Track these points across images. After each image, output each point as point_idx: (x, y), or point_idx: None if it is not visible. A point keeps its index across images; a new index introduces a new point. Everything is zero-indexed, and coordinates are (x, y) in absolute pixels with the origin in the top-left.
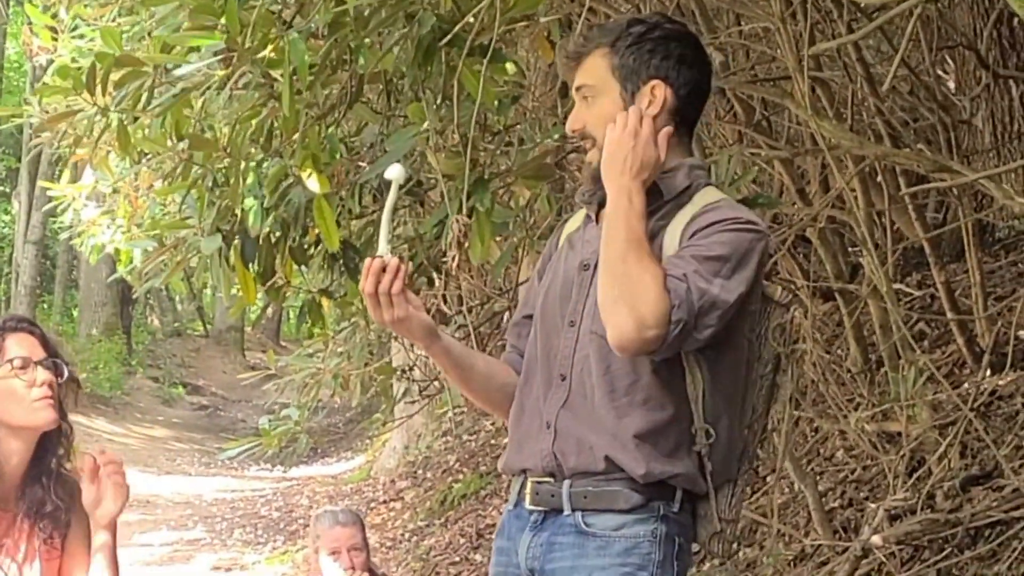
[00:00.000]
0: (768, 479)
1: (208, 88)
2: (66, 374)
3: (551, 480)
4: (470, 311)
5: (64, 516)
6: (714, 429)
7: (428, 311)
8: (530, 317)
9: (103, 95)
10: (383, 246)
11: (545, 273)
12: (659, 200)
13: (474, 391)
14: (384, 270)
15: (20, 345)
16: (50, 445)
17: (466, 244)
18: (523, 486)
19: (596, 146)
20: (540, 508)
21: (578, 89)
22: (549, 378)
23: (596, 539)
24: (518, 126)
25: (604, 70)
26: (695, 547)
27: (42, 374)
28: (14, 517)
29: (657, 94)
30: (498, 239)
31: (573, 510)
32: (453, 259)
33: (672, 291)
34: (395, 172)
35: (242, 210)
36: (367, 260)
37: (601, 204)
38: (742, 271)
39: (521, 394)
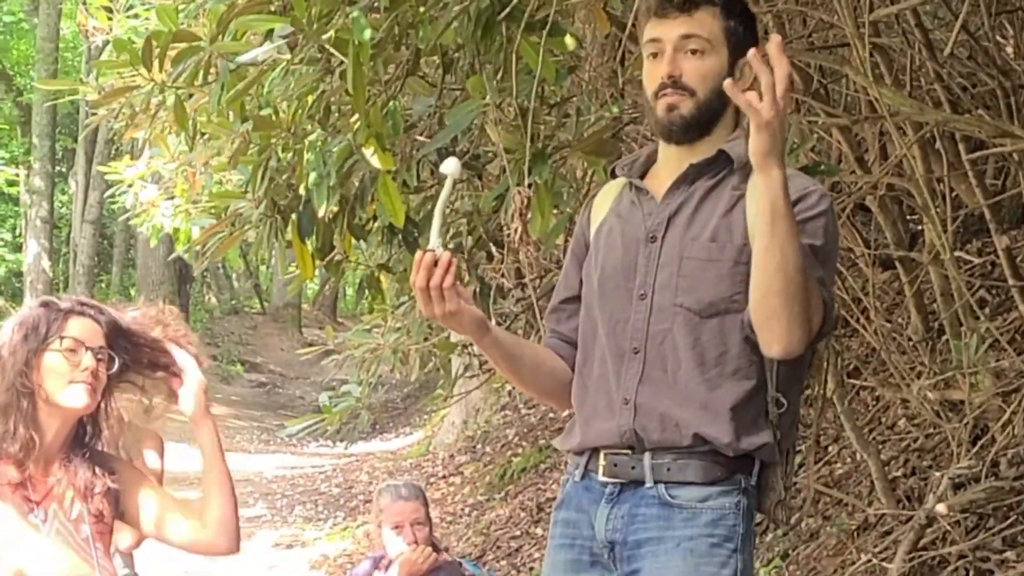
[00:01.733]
0: (830, 448)
1: (273, 69)
2: (115, 368)
3: (629, 452)
4: (527, 285)
5: (105, 490)
6: (784, 398)
7: (488, 285)
8: (569, 300)
9: (159, 71)
10: (435, 240)
11: (590, 250)
12: (728, 167)
13: (524, 380)
14: (435, 264)
15: (79, 328)
16: (85, 429)
17: (528, 216)
18: (591, 459)
19: (692, 99)
20: (616, 480)
21: (685, 37)
22: (619, 352)
23: (682, 510)
24: (574, 98)
25: (718, 29)
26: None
27: (88, 359)
28: (60, 483)
29: (747, 72)
30: (555, 211)
31: (656, 482)
32: (516, 231)
33: (825, 298)
34: (451, 167)
35: (304, 187)
36: (418, 253)
37: (641, 175)
38: (836, 257)
39: (581, 375)
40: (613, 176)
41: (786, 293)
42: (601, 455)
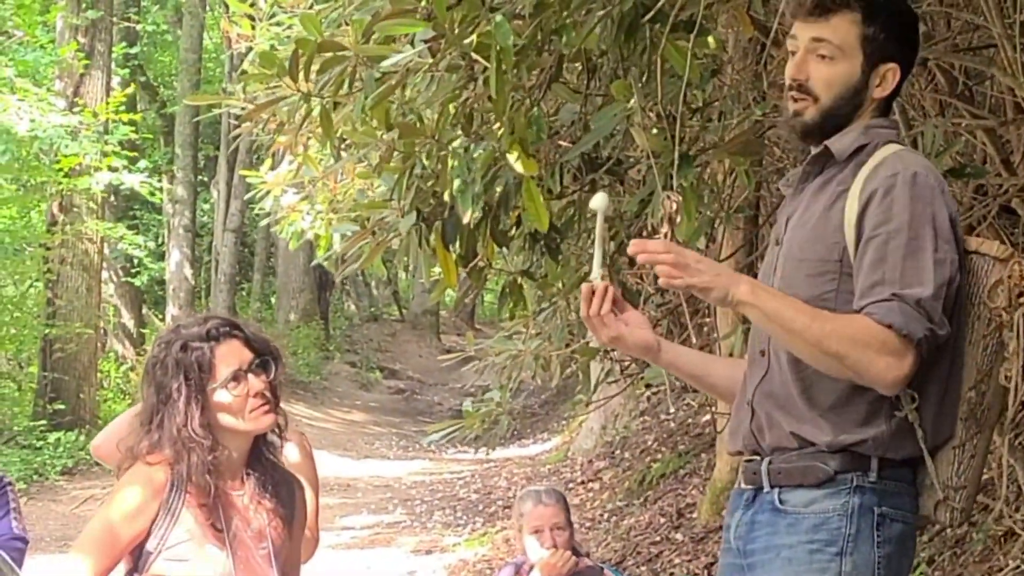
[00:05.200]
0: None
1: (415, 73)
2: (274, 371)
3: (756, 458)
4: (668, 289)
5: (286, 501)
6: (919, 392)
7: (627, 289)
8: None
9: (305, 81)
10: (595, 271)
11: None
12: (831, 162)
13: (722, 395)
14: (594, 294)
15: (229, 356)
16: (262, 436)
17: (678, 220)
18: (741, 464)
19: (815, 105)
20: (750, 487)
21: (816, 41)
22: (753, 356)
23: (788, 516)
24: (716, 102)
25: (853, 36)
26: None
27: (255, 383)
28: (241, 500)
29: (888, 78)
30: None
31: (772, 487)
32: (665, 235)
33: (891, 321)
34: (599, 202)
35: (448, 194)
36: (583, 286)
37: (802, 180)
38: (940, 236)
39: (743, 379)
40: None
41: (838, 367)
42: (742, 462)
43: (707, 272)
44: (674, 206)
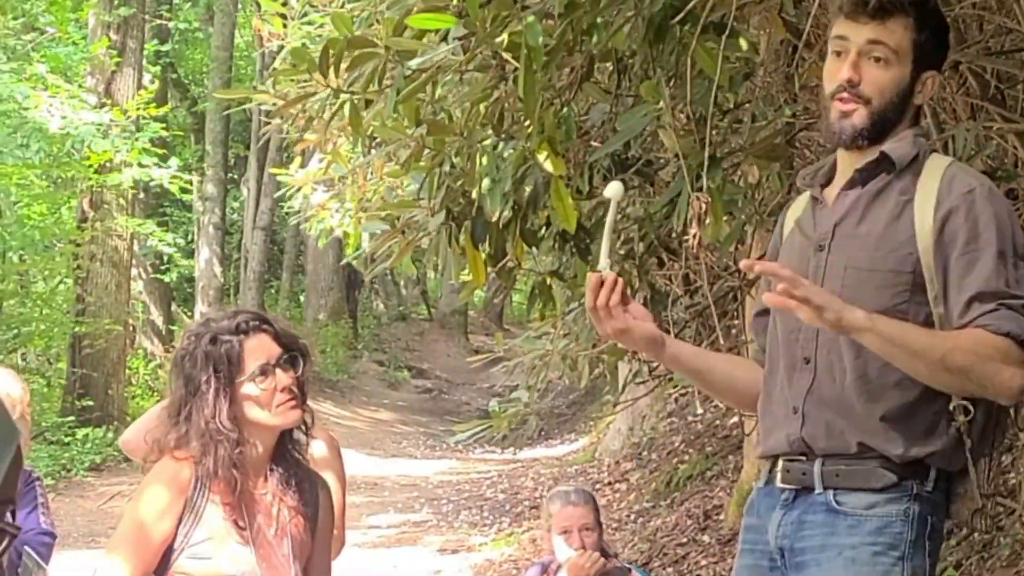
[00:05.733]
0: (1003, 458)
1: (446, 72)
2: (302, 367)
3: (803, 459)
4: (696, 291)
5: (309, 500)
6: (972, 405)
7: (660, 292)
8: (765, 312)
9: (335, 77)
10: (603, 261)
11: (778, 261)
12: (892, 169)
13: (718, 392)
14: (602, 285)
15: (258, 350)
16: (288, 432)
17: (707, 221)
18: (772, 465)
19: (866, 108)
20: (791, 486)
21: (872, 43)
22: (793, 362)
23: (848, 518)
24: (747, 104)
25: (907, 41)
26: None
27: (282, 378)
28: (264, 497)
29: (928, 85)
30: (726, 217)
31: (825, 488)
32: (694, 237)
33: (1008, 329)
34: (613, 190)
35: (477, 193)
36: (588, 275)
37: (824, 184)
38: (1020, 246)
39: (767, 383)
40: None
41: (962, 383)
42: (780, 462)
43: (822, 292)
44: (703, 208)
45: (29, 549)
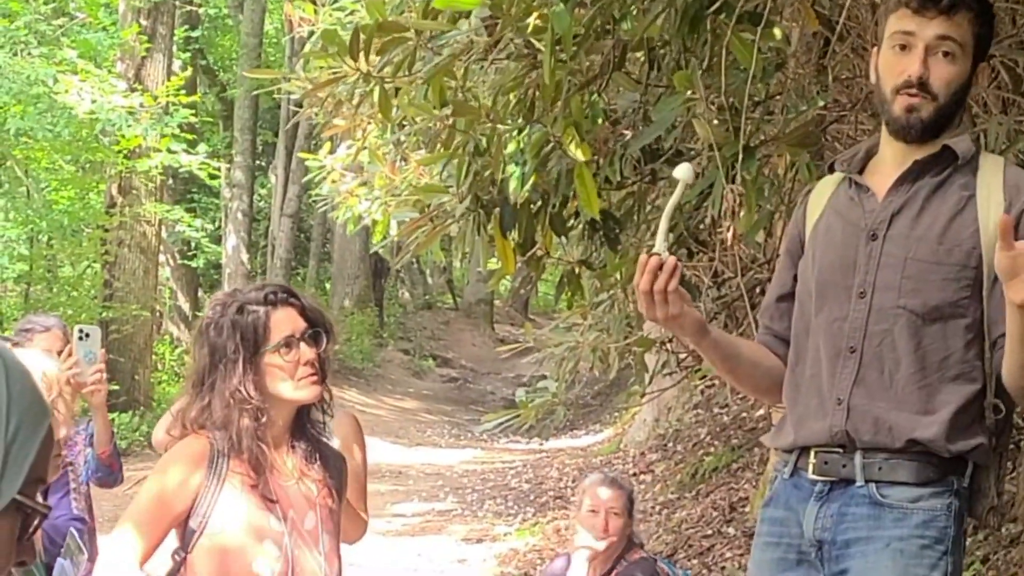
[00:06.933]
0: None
1: (471, 55)
2: (325, 343)
3: (840, 451)
4: (724, 283)
5: (334, 472)
6: (1003, 404)
7: (689, 283)
8: (784, 298)
9: (366, 62)
10: (660, 243)
11: (806, 247)
12: (953, 163)
13: (742, 380)
14: (660, 268)
15: (284, 322)
16: (307, 409)
17: (741, 213)
18: (801, 456)
19: (933, 104)
20: (827, 478)
21: (941, 38)
22: (835, 351)
23: (893, 510)
24: (779, 96)
25: (970, 36)
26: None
27: (306, 352)
28: (289, 471)
29: (980, 77)
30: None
31: (867, 481)
32: (728, 229)
33: None
34: (684, 172)
35: (503, 179)
36: (642, 257)
37: (860, 170)
38: None
39: (794, 373)
40: (830, 171)
41: None
42: (812, 453)
43: None
44: (737, 199)
45: (72, 530)
